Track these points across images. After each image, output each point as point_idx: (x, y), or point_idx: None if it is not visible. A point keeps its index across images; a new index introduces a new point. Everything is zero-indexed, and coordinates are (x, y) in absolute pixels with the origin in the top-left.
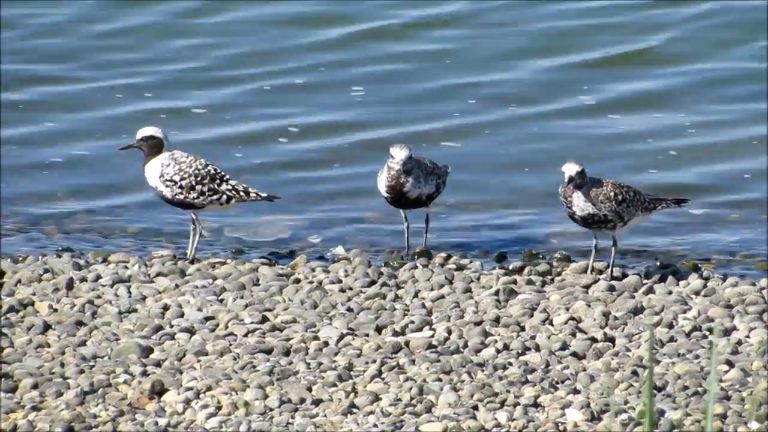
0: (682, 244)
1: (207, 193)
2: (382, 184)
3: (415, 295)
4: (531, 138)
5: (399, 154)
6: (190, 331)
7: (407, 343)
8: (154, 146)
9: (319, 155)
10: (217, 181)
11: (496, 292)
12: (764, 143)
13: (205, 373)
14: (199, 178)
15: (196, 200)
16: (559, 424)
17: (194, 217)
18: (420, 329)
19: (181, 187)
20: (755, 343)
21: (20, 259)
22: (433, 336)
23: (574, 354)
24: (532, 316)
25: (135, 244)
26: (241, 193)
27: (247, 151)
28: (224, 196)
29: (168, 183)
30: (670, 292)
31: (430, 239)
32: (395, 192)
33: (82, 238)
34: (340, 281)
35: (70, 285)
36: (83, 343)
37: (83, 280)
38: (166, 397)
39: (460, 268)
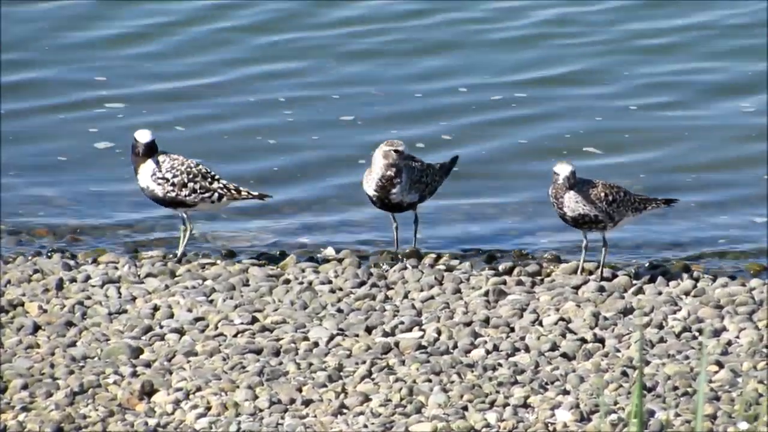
0: (673, 244)
1: (199, 191)
2: (370, 185)
3: (405, 296)
4: (522, 135)
5: (395, 151)
6: (180, 332)
7: (397, 344)
8: (152, 149)
9: (309, 154)
10: (209, 179)
11: (486, 293)
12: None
13: (194, 373)
14: (191, 176)
15: (187, 198)
16: (549, 425)
17: (185, 216)
18: (410, 330)
19: (173, 184)
20: (745, 343)
21: (10, 259)
22: (422, 337)
23: (564, 355)
24: (521, 316)
25: (125, 245)
26: (233, 192)
27: (237, 151)
28: (216, 194)
29: (160, 181)
30: (660, 293)
31: (419, 237)
32: (383, 191)
33: (72, 238)
34: (330, 282)
35: (59, 286)
36: (73, 344)
37: (73, 280)
38: (155, 397)
39: (450, 268)
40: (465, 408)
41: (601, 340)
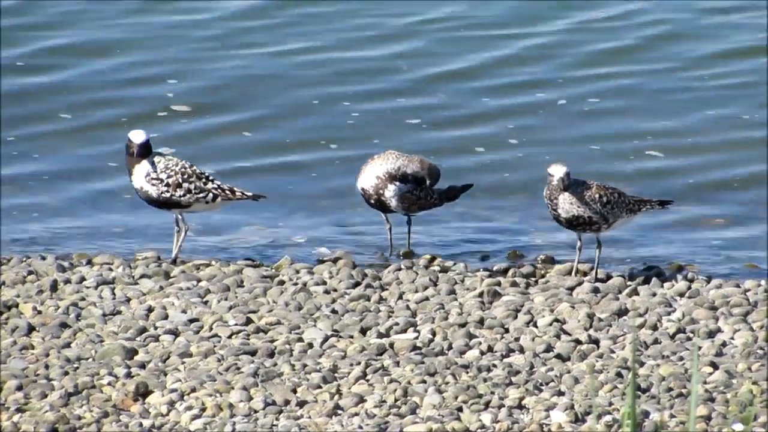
0: (667, 245)
1: (193, 191)
2: (366, 183)
3: (400, 297)
4: (518, 138)
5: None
6: (175, 333)
7: (392, 345)
8: (146, 150)
9: (305, 155)
10: (203, 180)
11: (481, 294)
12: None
13: (189, 374)
14: (185, 176)
15: (182, 198)
16: (544, 426)
17: (180, 217)
18: (404, 331)
19: (167, 185)
20: (740, 344)
21: (5, 260)
22: (417, 338)
23: (559, 356)
24: (516, 317)
25: (119, 246)
26: (227, 192)
27: (234, 153)
28: (210, 195)
29: (154, 181)
30: (655, 294)
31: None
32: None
33: (67, 239)
34: (324, 283)
35: (54, 287)
36: (68, 345)
37: (67, 281)
38: (150, 398)
39: (445, 269)
40: (460, 409)
41: (596, 342)
